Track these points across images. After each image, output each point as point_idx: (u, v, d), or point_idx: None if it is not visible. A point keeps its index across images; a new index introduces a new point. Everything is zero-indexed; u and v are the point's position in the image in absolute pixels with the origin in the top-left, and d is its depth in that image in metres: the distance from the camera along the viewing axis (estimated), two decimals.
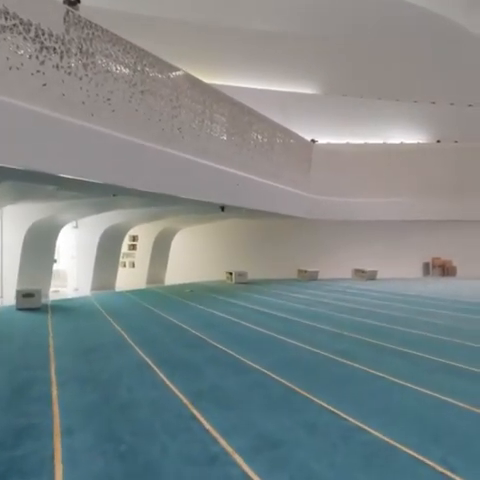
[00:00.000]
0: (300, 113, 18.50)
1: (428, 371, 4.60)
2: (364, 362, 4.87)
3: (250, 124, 12.24)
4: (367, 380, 4.29)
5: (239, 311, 8.83)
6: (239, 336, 6.38)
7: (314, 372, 4.55)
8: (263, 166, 12.84)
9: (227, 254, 17.71)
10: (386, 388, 4.07)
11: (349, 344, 5.86)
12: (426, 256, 19.72)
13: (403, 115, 19.85)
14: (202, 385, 4.13)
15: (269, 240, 17.93)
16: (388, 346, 5.67)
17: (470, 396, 3.80)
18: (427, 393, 3.88)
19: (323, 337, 6.32)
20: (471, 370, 4.58)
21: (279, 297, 11.12)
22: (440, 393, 3.84)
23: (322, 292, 12.44)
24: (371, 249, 18.03)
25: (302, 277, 16.88)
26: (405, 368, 4.70)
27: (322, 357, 5.15)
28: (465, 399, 3.69)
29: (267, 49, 18.75)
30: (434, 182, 18.68)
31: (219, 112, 10.99)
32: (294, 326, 7.20)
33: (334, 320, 7.72)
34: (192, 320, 7.72)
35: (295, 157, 15.20)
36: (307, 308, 9.20)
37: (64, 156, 6.75)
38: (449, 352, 5.42)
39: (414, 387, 4.02)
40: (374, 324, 7.34)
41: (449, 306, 9.44)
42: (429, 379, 4.29)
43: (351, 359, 4.99)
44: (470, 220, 18.88)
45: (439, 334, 6.39)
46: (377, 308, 9.17)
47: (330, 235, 18.21)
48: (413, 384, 4.09)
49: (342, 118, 19.35)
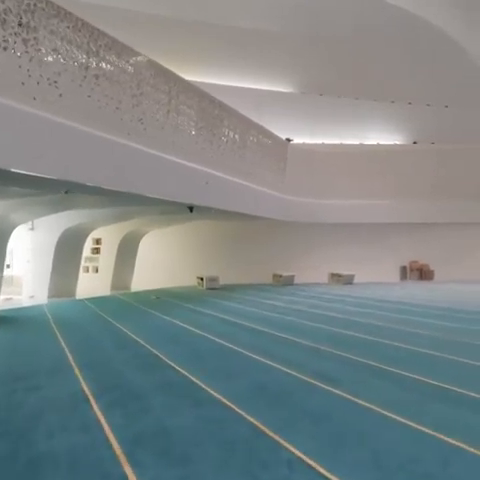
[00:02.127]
0: (275, 111, 17.84)
1: (423, 398, 3.85)
2: (346, 387, 4.09)
3: (221, 119, 11.44)
4: (351, 414, 3.51)
5: (206, 321, 7.97)
6: (202, 354, 5.52)
7: (286, 403, 3.73)
8: (235, 164, 12.05)
9: (198, 258, 16.83)
10: (375, 425, 3.29)
11: (328, 362, 5.08)
12: (403, 260, 19.30)
13: (380, 115, 19.43)
14: (145, 425, 3.26)
15: (243, 243, 17.13)
16: (372, 364, 4.91)
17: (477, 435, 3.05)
18: (426, 432, 3.11)
19: (298, 353, 5.52)
20: (472, 396, 3.86)
21: (251, 304, 10.32)
22: (442, 432, 3.08)
23: (297, 298, 11.70)
24: (348, 252, 17.45)
25: (277, 282, 16.14)
26: (395, 395, 3.94)
27: (296, 381, 4.35)
28: (474, 441, 2.94)
29: (243, 46, 18.04)
30: (411, 184, 18.29)
31: (187, 104, 10.14)
32: (266, 340, 6.39)
33: (310, 332, 6.95)
34: (152, 333, 6.83)
35: (270, 156, 14.47)
36: (281, 317, 8.41)
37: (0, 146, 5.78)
38: (443, 372, 4.70)
39: (410, 423, 3.25)
40: (354, 336, 6.59)
41: (433, 314, 8.81)
42: (426, 411, 3.53)
43: (330, 383, 4.20)
44: (447, 223, 18.55)
45: (428, 348, 5.68)
46: (356, 317, 8.46)
47: (306, 238, 17.55)
48: (408, 419, 3.32)
49: (318, 117, 18.81)
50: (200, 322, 7.83)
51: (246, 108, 13.75)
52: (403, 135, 19.57)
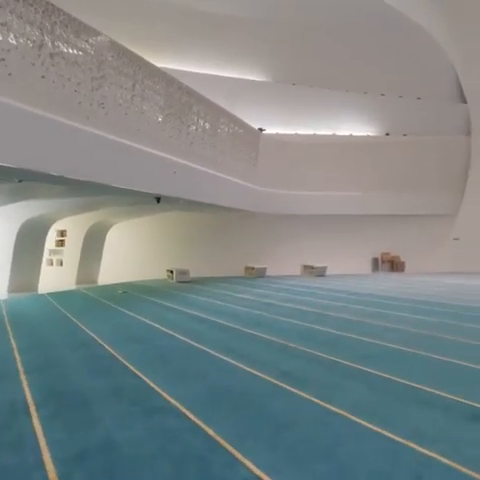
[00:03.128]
0: (248, 100, 17.44)
1: (396, 401, 3.61)
2: (314, 389, 3.81)
3: (189, 106, 11.00)
4: (317, 421, 3.23)
5: (173, 318, 7.61)
6: (164, 354, 5.16)
7: (248, 410, 3.42)
8: (205, 153, 11.65)
9: (169, 250, 16.40)
10: (343, 434, 3.02)
11: (296, 361, 4.80)
12: (375, 251, 19.34)
13: (353, 106, 19.29)
14: (88, 440, 2.89)
15: (215, 235, 16.78)
16: (343, 363, 4.67)
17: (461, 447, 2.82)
18: (398, 442, 2.86)
19: (265, 352, 5.23)
20: (447, 398, 3.64)
21: (221, 298, 10.00)
22: (415, 441, 2.84)
23: (269, 291, 11.45)
24: (320, 244, 17.34)
25: (249, 274, 15.88)
26: (366, 397, 3.68)
27: (261, 383, 4.05)
28: (449, 451, 2.71)
29: (215, 33, 17.58)
30: (383, 176, 18.28)
31: (153, 89, 9.67)
32: (233, 337, 6.08)
33: (280, 327, 6.68)
34: (113, 332, 6.42)
35: (241, 146, 14.11)
36: (250, 312, 8.12)
37: None
38: (417, 370, 4.49)
39: (381, 431, 2.99)
40: (325, 332, 6.36)
41: (406, 307, 8.69)
42: (399, 416, 3.28)
43: (297, 385, 3.92)
44: (418, 214, 18.65)
45: (401, 344, 5.48)
46: (328, 310, 8.25)
47: (279, 230, 17.33)
48: (380, 426, 3.06)
49: (291, 107, 18.51)
50: (166, 318, 7.46)
51: (218, 96, 13.35)
52: (376, 126, 19.50)
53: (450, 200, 18.75)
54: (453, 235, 18.72)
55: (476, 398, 3.58)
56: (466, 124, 19.24)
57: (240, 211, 14.68)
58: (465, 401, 3.53)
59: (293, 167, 16.74)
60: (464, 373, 4.36)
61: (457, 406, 3.46)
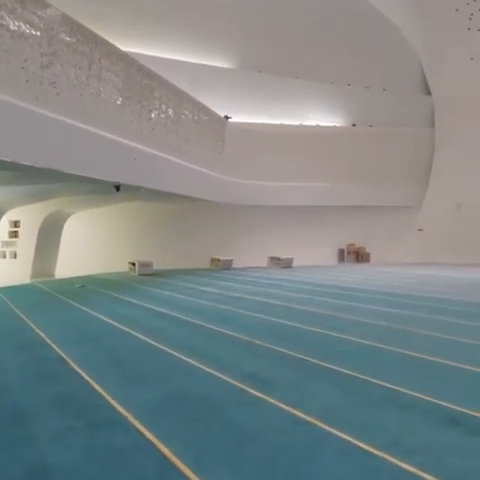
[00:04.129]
0: (213, 87, 16.90)
1: (370, 405, 3.32)
2: (281, 393, 3.49)
3: (151, 89, 10.43)
4: (284, 431, 2.90)
5: (132, 314, 7.14)
6: (119, 356, 4.72)
7: (208, 421, 3.05)
8: (168, 140, 11.11)
9: (131, 242, 15.77)
10: (313, 446, 2.70)
11: (262, 361, 4.47)
12: (341, 242, 19.33)
13: (320, 96, 19.10)
14: (15, 467, 2.45)
15: (180, 226, 16.24)
16: (312, 362, 4.37)
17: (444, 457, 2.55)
18: (374, 455, 2.56)
19: (229, 350, 4.87)
20: (426, 401, 3.39)
21: (185, 292, 9.57)
22: (393, 453, 2.55)
23: (234, 284, 11.11)
24: (287, 235, 17.12)
25: (215, 266, 15.50)
26: (337, 401, 3.38)
27: (224, 387, 3.69)
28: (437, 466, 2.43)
29: (180, 17, 16.93)
30: (350, 167, 18.22)
31: (111, 70, 9.03)
32: (196, 334, 5.69)
33: (245, 323, 6.35)
34: (64, 330, 5.91)
35: (206, 133, 13.62)
36: (215, 306, 7.75)
37: None
38: (391, 369, 4.24)
39: (355, 441, 2.69)
40: (293, 327, 6.07)
41: (375, 299, 8.54)
42: (374, 423, 3.00)
43: (263, 388, 3.59)
44: (383, 206, 18.74)
45: (373, 340, 5.25)
46: (295, 303, 7.98)
47: (245, 221, 16.98)
48: (352, 435, 2.76)
49: (258, 96, 18.11)
50: (124, 314, 6.99)
51: (182, 82, 12.80)
52: (343, 117, 19.39)
53: (415, 191, 18.92)
54: (417, 226, 18.93)
55: (454, 399, 3.34)
56: (430, 116, 19.42)
57: (206, 201, 14.22)
58: (443, 403, 3.28)
59: (260, 157, 16.40)
60: (439, 371, 4.15)
61: (436, 409, 3.21)
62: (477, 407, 3.19)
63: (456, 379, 3.92)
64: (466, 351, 4.79)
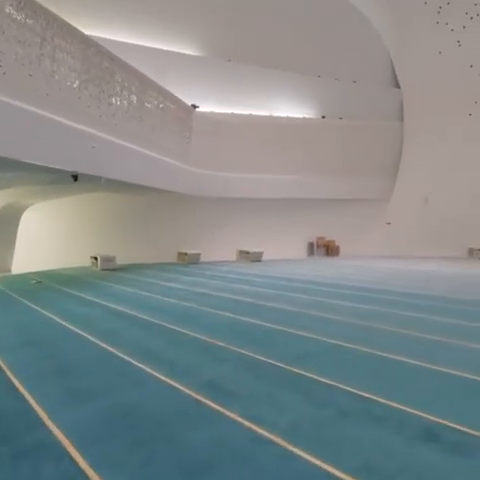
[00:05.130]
0: (180, 75, 16.31)
1: (341, 419, 2.99)
2: (243, 406, 3.11)
3: (111, 73, 9.81)
4: (248, 455, 2.52)
5: (88, 313, 6.62)
6: (63, 363, 4.23)
7: (157, 443, 2.64)
8: (130, 128, 10.53)
9: (94, 235, 15.07)
10: (279, 474, 2.34)
11: (224, 366, 4.08)
12: (311, 236, 19.18)
13: (290, 87, 18.78)
14: None
15: (145, 219, 15.65)
16: (280, 367, 4.01)
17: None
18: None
19: (190, 354, 4.46)
20: (404, 413, 3.08)
21: (149, 288, 9.08)
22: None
23: (202, 279, 10.68)
24: (256, 229, 16.81)
25: (182, 260, 15.03)
26: (308, 415, 3.03)
27: (179, 399, 3.29)
28: None
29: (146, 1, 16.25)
30: (319, 160, 18.03)
31: (66, 50, 8.38)
32: (154, 336, 5.25)
33: (210, 322, 5.95)
34: (7, 333, 5.35)
35: (173, 122, 13.07)
36: (179, 304, 7.31)
37: None
38: (365, 373, 3.93)
39: (325, 466, 2.34)
40: (260, 326, 5.71)
41: (347, 295, 8.29)
42: (346, 443, 2.66)
43: (224, 400, 3.21)
44: (352, 199, 18.67)
45: (344, 339, 4.94)
46: (263, 300, 7.63)
47: (213, 213, 16.54)
48: (326, 459, 2.41)
49: (227, 85, 17.62)
50: (79, 314, 6.47)
51: (147, 69, 12.22)
52: (312, 109, 19.15)
53: (384, 185, 18.93)
54: (386, 220, 18.96)
55: (428, 407, 3.05)
56: (399, 109, 19.42)
57: (172, 193, 13.70)
58: (418, 413, 2.98)
59: (228, 148, 15.96)
60: (412, 373, 3.86)
61: (411, 420, 2.90)
62: (452, 417, 2.90)
63: (429, 383, 3.64)
64: (438, 351, 4.55)
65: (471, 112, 17.97)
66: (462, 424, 2.80)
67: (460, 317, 6.16)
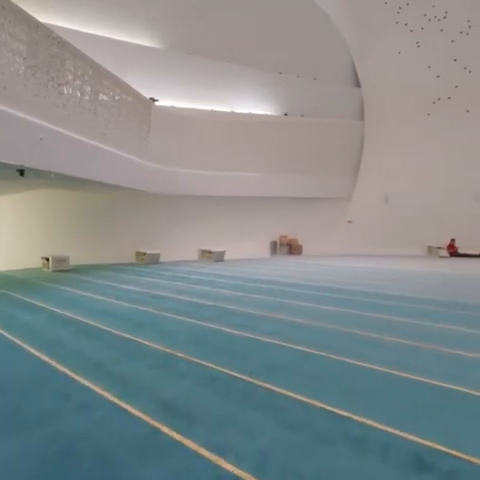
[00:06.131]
0: (138, 67, 15.66)
1: (321, 447, 2.62)
2: (205, 432, 2.69)
3: (62, 60, 9.09)
4: None
5: (32, 321, 5.98)
6: (2, 382, 3.66)
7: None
8: (83, 120, 9.85)
9: (47, 234, 14.18)
10: None
11: (183, 382, 3.63)
12: (274, 234, 18.97)
13: (252, 83, 18.46)
14: None
15: (101, 217, 14.88)
16: (244, 380, 3.62)
17: None
18: None
19: (145, 368, 3.98)
20: (386, 433, 2.75)
21: (102, 291, 8.47)
22: None
23: (161, 280, 10.15)
24: (219, 227, 16.39)
25: (141, 260, 14.40)
26: (278, 442, 2.64)
27: (130, 426, 2.82)
28: None
29: None
30: (282, 157, 17.82)
31: (9, 32, 7.65)
32: (104, 346, 4.72)
33: (168, 329, 5.47)
34: None
35: (130, 116, 12.42)
36: (134, 308, 6.78)
37: None
38: (338, 386, 3.59)
39: None
40: (222, 332, 5.29)
41: (312, 296, 8.01)
42: (323, 474, 2.29)
43: (182, 426, 2.78)
44: (315, 197, 18.59)
45: (311, 345, 4.61)
46: (226, 303, 7.23)
47: (174, 211, 15.98)
48: None
49: (187, 79, 17.10)
50: (23, 322, 5.82)
51: (105, 60, 11.55)
52: (275, 105, 18.92)
53: (346, 183, 18.97)
54: (347, 219, 19.00)
55: (412, 426, 2.74)
56: (360, 108, 19.52)
57: (130, 190, 13.04)
58: (402, 434, 2.66)
59: (189, 144, 15.44)
60: (390, 385, 3.55)
61: (395, 443, 2.57)
62: (440, 438, 2.60)
63: (408, 395, 3.34)
64: (412, 357, 4.29)
65: (429, 112, 18.28)
66: (452, 447, 2.49)
67: (433, 319, 5.98)
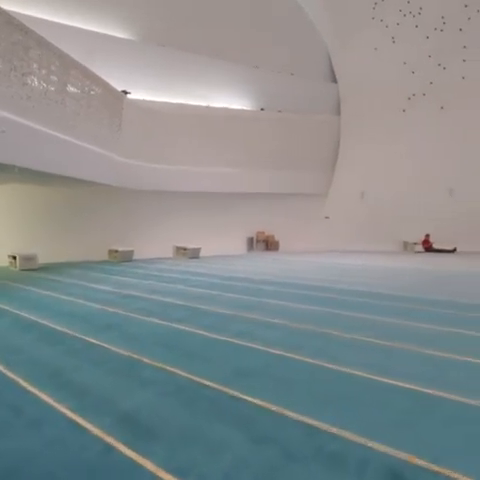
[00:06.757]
0: (110, 58, 15.17)
1: (296, 465, 2.42)
2: (167, 452, 2.46)
3: (25, 48, 8.64)
4: None
5: None
6: None
7: None
8: (50, 112, 9.41)
9: (14, 231, 13.60)
10: None
11: (147, 391, 3.37)
12: (251, 231, 18.78)
13: (228, 77, 18.17)
14: None
15: (73, 213, 14.36)
16: (213, 389, 3.39)
17: None
18: None
19: (107, 378, 3.71)
20: (364, 448, 2.56)
21: (71, 291, 8.10)
22: None
23: (132, 279, 9.83)
24: (194, 224, 16.09)
25: (113, 258, 14.00)
26: (247, 459, 2.43)
27: (87, 444, 2.57)
28: None
29: None
30: (259, 153, 17.62)
31: None
32: (67, 352, 4.42)
33: (136, 331, 5.20)
34: None
35: (100, 108, 12.00)
36: (103, 309, 6.47)
37: None
38: (313, 395, 3.39)
39: None
40: (194, 334, 5.05)
41: (288, 294, 7.84)
42: None
43: (143, 444, 2.54)
44: (292, 193, 18.47)
45: (286, 348, 4.41)
46: (200, 302, 6.98)
47: (148, 207, 15.59)
48: None
49: (161, 72, 16.69)
50: None
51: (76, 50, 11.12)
52: (251, 100, 18.69)
53: (323, 179, 18.92)
54: (324, 214, 18.96)
55: (387, 437, 2.57)
56: (337, 104, 19.46)
57: (102, 186, 12.62)
58: (384, 449, 2.48)
59: (163, 139, 15.08)
60: (368, 392, 3.36)
61: (371, 457, 2.39)
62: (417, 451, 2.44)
63: (384, 402, 3.17)
64: (392, 360, 4.14)
65: (405, 108, 18.35)
66: (433, 461, 2.32)
67: (411, 318, 5.88)
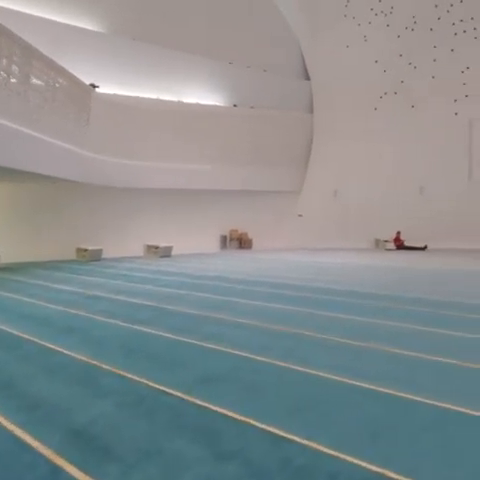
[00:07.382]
0: (78, 51, 14.71)
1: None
2: (120, 469, 2.23)
3: None
4: None
5: None
6: None
7: None
8: (10, 104, 8.98)
9: None
10: None
11: (104, 402, 3.12)
12: (224, 228, 18.58)
13: (200, 72, 17.91)
14: None
15: (39, 210, 13.84)
16: (175, 398, 3.17)
17: None
18: None
19: (62, 387, 3.43)
20: (327, 455, 2.40)
21: (33, 292, 7.71)
22: None
23: (100, 279, 9.48)
24: (166, 222, 15.76)
25: (82, 257, 13.54)
26: (212, 475, 2.23)
27: (34, 464, 2.31)
28: None
29: None
30: (231, 150, 17.43)
31: None
32: (22, 359, 4.11)
33: (98, 334, 4.92)
34: None
35: (67, 102, 11.58)
36: (65, 312, 6.14)
37: None
38: (275, 401, 3.22)
39: None
40: (158, 337, 4.81)
41: (263, 294, 7.67)
42: None
43: (96, 465, 2.30)
44: (265, 191, 18.36)
45: (252, 350, 4.23)
46: (168, 303, 6.74)
47: (118, 205, 15.18)
48: None
49: (131, 66, 16.30)
50: None
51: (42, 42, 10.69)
52: (224, 96, 18.48)
53: (296, 177, 18.88)
54: (297, 212, 18.93)
55: (364, 450, 2.41)
56: (310, 101, 19.45)
57: (69, 182, 12.17)
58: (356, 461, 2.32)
59: (133, 134, 14.71)
60: (339, 397, 3.22)
61: (345, 473, 2.22)
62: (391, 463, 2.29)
63: (356, 408, 3.03)
64: (356, 360, 4.01)
65: (376, 107, 18.48)
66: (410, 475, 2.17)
67: (385, 316, 5.80)
